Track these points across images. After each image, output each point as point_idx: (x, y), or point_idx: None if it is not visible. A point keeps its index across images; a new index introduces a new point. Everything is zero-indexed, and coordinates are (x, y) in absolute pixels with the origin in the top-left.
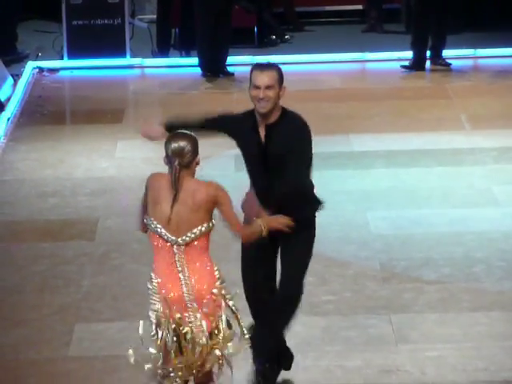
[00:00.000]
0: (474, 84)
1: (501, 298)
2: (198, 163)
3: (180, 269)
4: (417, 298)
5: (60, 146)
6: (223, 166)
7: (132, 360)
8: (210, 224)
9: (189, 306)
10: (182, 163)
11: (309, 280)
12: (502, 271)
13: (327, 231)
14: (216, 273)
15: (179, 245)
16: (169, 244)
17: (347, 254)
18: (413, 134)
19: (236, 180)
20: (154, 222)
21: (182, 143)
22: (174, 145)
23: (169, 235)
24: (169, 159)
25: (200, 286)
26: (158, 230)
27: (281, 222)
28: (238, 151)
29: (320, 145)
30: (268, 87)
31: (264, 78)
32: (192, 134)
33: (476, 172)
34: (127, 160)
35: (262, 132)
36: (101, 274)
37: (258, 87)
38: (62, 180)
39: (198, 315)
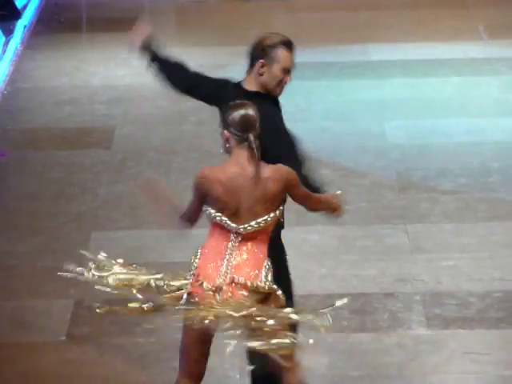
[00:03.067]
0: None
1: None
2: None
3: (227, 257)
4: (433, 207)
5: (76, 53)
6: (240, 75)
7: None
8: (278, 212)
9: (219, 290)
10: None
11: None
12: None
13: (343, 141)
14: (263, 272)
15: (238, 233)
16: (227, 230)
17: (363, 164)
18: (430, 44)
19: None
20: (212, 211)
21: (251, 112)
22: (245, 113)
23: (229, 222)
24: (239, 134)
25: (236, 279)
26: (218, 218)
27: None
28: None
29: (337, 54)
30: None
31: (292, 61)
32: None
33: (493, 82)
34: (144, 68)
35: None
36: (117, 182)
37: (287, 70)
38: (79, 88)
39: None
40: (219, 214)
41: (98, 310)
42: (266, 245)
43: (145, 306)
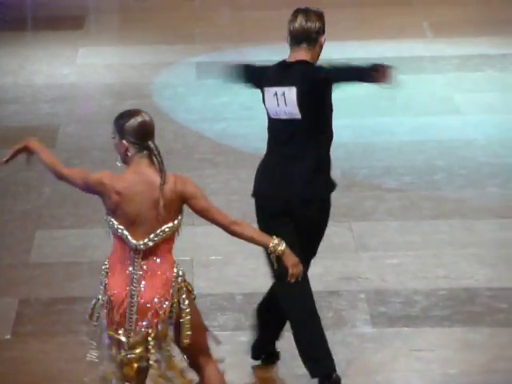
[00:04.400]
0: None
1: (461, 206)
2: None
3: (133, 275)
4: (377, 205)
5: (21, 52)
6: (185, 73)
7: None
8: (176, 222)
9: (128, 313)
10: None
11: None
12: (463, 179)
13: None
14: (173, 285)
15: (139, 249)
16: (128, 246)
17: None
18: (374, 42)
19: (198, 87)
20: (116, 222)
21: (148, 117)
22: (142, 120)
23: (130, 238)
24: (138, 142)
25: (147, 299)
26: (120, 230)
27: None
28: (200, 58)
29: (281, 53)
30: None
31: None
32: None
33: (437, 80)
34: (88, 67)
35: None
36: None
37: None
38: (23, 87)
39: (135, 326)
40: (121, 227)
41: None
42: (169, 259)
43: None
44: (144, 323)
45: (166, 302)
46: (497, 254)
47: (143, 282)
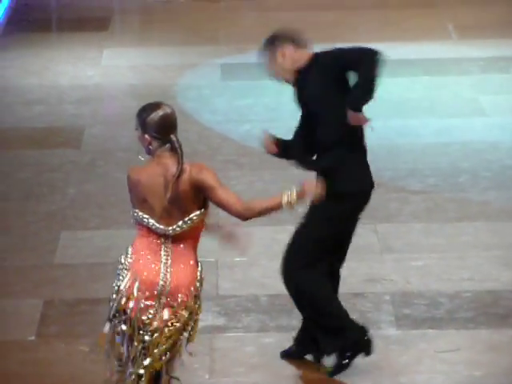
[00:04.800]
0: None
1: (485, 208)
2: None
3: (164, 258)
4: (402, 207)
5: (45, 53)
6: (209, 74)
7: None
8: (202, 211)
9: (158, 298)
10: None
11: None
12: (487, 181)
13: None
14: (198, 272)
15: (168, 235)
16: (156, 234)
17: None
18: (399, 44)
19: (223, 88)
20: (140, 213)
21: (169, 110)
22: (163, 114)
23: (157, 225)
24: (159, 137)
25: (177, 283)
26: (145, 220)
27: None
28: (225, 60)
29: None
30: None
31: None
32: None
33: (463, 82)
34: (113, 68)
35: None
36: (86, 182)
37: None
38: (48, 88)
39: (165, 311)
40: (146, 217)
41: None
42: (195, 248)
43: None
44: (169, 307)
45: (192, 288)
46: None
47: (172, 267)
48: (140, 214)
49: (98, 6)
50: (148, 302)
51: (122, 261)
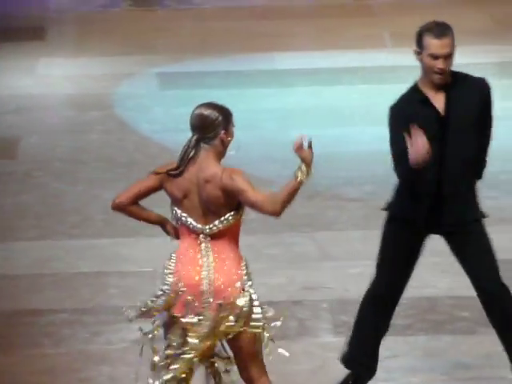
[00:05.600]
0: (397, 1)
1: None
2: (223, 141)
3: (205, 258)
4: (340, 215)
5: None
6: (147, 84)
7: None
8: (239, 211)
9: (204, 297)
10: (203, 137)
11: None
12: None
13: (250, 150)
14: (243, 268)
15: (206, 234)
16: (195, 232)
17: (271, 173)
18: (336, 52)
19: (161, 97)
20: (179, 211)
21: (207, 112)
22: (195, 113)
23: (194, 223)
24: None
25: (221, 282)
26: (183, 218)
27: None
28: (162, 69)
29: (244, 63)
30: (448, 56)
31: (443, 47)
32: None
33: (399, 90)
34: (49, 78)
35: (439, 100)
36: (23, 192)
37: (435, 56)
38: None
39: (209, 312)
40: (185, 215)
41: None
42: (236, 243)
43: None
44: (218, 310)
45: (238, 283)
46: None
47: (214, 266)
48: (179, 211)
49: (33, 16)
50: (195, 303)
51: (167, 265)
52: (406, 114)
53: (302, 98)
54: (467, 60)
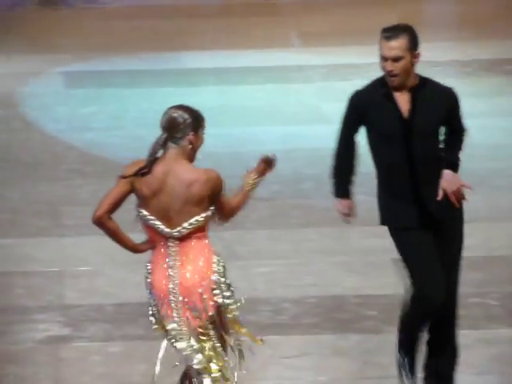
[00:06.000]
0: (304, 1)
1: (330, 214)
2: (192, 143)
3: (172, 263)
4: (248, 214)
5: None
6: (52, 83)
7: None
8: (210, 213)
9: (172, 303)
10: (171, 137)
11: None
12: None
13: None
14: (214, 266)
15: (174, 237)
16: (163, 236)
17: None
18: (243, 52)
19: (66, 96)
20: (146, 213)
21: (177, 113)
22: (166, 114)
23: (162, 227)
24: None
25: (187, 282)
26: (151, 222)
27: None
28: (68, 68)
29: (150, 62)
30: (396, 59)
31: (390, 49)
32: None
33: (305, 89)
34: None
35: (403, 101)
36: None
37: (385, 58)
38: None
39: (184, 314)
40: (152, 218)
41: None
42: (205, 240)
43: None
44: (190, 310)
45: (204, 283)
46: (365, 262)
47: (182, 269)
48: (146, 213)
49: None
50: (168, 310)
51: (146, 277)
52: (365, 106)
53: (209, 98)
54: (374, 59)
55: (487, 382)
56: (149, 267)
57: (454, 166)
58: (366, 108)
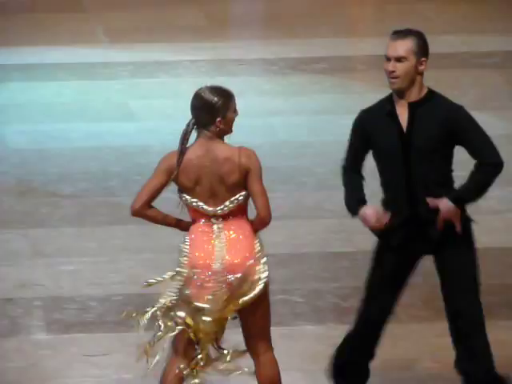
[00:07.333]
0: None
1: None
2: (219, 127)
3: (217, 239)
4: (53, 212)
5: None
6: None
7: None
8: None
9: (217, 276)
10: (200, 123)
11: None
12: (139, 185)
13: None
14: (256, 245)
15: (217, 215)
16: (206, 215)
17: None
18: (49, 48)
19: None
20: (188, 197)
21: (201, 93)
22: (194, 94)
23: (205, 207)
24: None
25: (232, 259)
26: (194, 203)
27: None
28: None
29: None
30: (398, 59)
31: (395, 49)
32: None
33: (113, 86)
34: None
35: (404, 116)
36: None
37: (387, 58)
38: None
39: (224, 290)
40: (195, 200)
41: None
42: (247, 221)
43: None
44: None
45: (251, 260)
46: (171, 259)
47: (227, 245)
48: (188, 198)
49: None
50: (209, 284)
51: (181, 248)
52: (369, 124)
53: (15, 94)
54: (181, 57)
55: (292, 378)
56: (187, 240)
57: (458, 200)
58: (370, 126)
